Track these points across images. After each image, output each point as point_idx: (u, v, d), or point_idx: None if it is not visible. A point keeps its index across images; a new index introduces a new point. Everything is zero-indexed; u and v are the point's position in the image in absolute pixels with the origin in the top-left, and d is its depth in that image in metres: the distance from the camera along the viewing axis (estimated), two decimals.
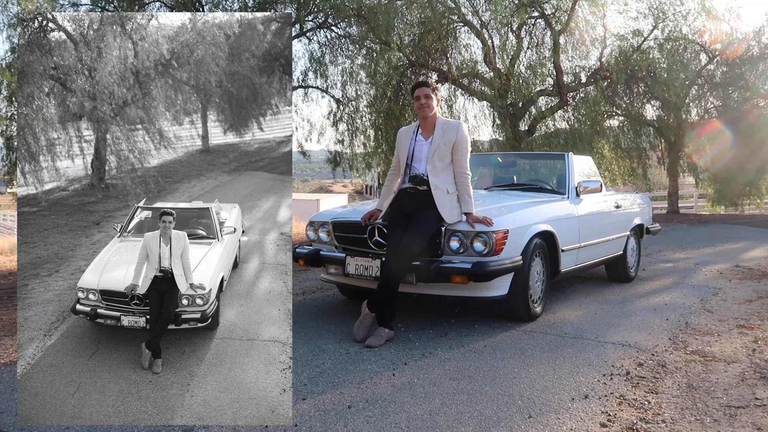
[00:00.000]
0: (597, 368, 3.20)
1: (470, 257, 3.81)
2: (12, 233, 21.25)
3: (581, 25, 12.89)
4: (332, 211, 4.79)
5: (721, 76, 16.23)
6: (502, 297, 4.00)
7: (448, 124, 3.92)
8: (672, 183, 17.91)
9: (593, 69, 14.22)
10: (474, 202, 3.93)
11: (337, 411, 2.62)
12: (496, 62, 12.79)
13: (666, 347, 3.62)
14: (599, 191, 5.21)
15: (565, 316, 4.39)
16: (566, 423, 2.50)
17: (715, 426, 2.49)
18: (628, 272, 5.91)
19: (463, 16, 12.79)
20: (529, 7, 12.37)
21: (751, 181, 16.34)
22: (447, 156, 3.88)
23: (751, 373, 3.14)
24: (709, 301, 5.02)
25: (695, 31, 15.38)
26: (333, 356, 3.40)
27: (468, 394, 2.82)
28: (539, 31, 13.66)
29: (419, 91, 3.92)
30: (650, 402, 2.74)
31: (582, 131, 13.34)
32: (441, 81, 13.08)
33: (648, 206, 6.60)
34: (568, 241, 4.60)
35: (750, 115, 15.74)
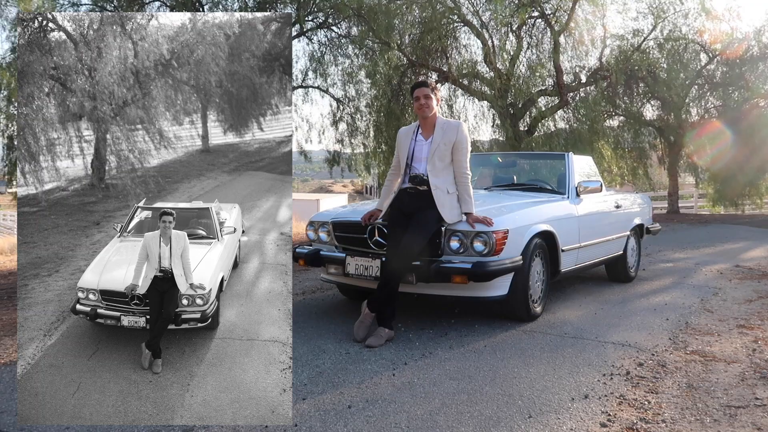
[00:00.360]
0: (597, 368, 3.20)
1: (470, 257, 3.81)
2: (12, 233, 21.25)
3: (581, 25, 12.91)
4: (332, 211, 4.79)
5: (721, 76, 16.23)
6: (502, 297, 4.00)
7: (448, 124, 3.92)
8: (672, 183, 17.91)
9: (593, 69, 14.23)
10: (474, 202, 3.93)
11: (337, 411, 2.62)
12: (496, 62, 12.79)
13: (666, 347, 3.62)
14: (599, 191, 5.21)
15: (565, 316, 4.39)
16: (566, 423, 2.50)
17: (715, 426, 2.49)
18: (628, 272, 5.91)
19: (463, 16, 12.79)
20: (529, 7, 12.37)
21: (751, 181, 16.34)
22: (447, 156, 3.88)
23: (751, 373, 3.14)
24: (709, 301, 5.02)
25: (695, 30, 15.39)
26: (333, 356, 3.40)
27: (468, 393, 2.82)
28: (539, 31, 13.67)
29: (419, 92, 3.91)
30: (650, 402, 2.74)
31: (582, 131, 13.34)
32: (441, 81, 13.09)
33: (648, 206, 6.60)
34: (568, 241, 4.60)
35: (750, 115, 15.74)
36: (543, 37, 13.64)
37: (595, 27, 13.25)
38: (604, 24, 13.55)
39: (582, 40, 13.23)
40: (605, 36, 13.90)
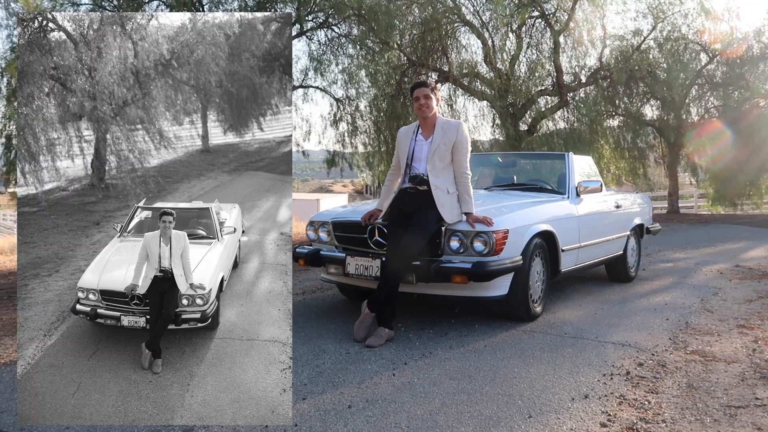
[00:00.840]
0: (597, 368, 3.20)
1: (470, 257, 3.81)
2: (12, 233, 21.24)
3: (581, 25, 12.90)
4: (332, 211, 4.79)
5: (721, 76, 16.23)
6: (502, 297, 4.00)
7: (448, 124, 3.92)
8: (672, 183, 17.91)
9: (593, 69, 14.23)
10: (474, 202, 3.93)
11: (337, 411, 2.62)
12: (496, 62, 12.79)
13: (666, 347, 3.62)
14: (599, 191, 5.21)
15: (566, 316, 4.39)
16: (566, 423, 2.50)
17: (715, 426, 2.49)
18: (628, 272, 5.91)
19: (463, 16, 12.79)
20: (529, 7, 12.37)
21: (752, 180, 16.35)
22: (447, 156, 3.88)
23: (752, 373, 3.14)
24: (710, 300, 5.02)
25: (695, 31, 15.39)
26: (333, 356, 3.40)
27: (468, 393, 2.82)
28: (539, 31, 13.67)
29: (418, 92, 3.91)
30: (650, 402, 2.74)
31: (582, 131, 13.34)
32: (441, 81, 13.08)
33: (648, 206, 6.60)
34: (568, 241, 4.60)
35: (750, 114, 15.74)
36: (543, 37, 13.64)
37: (595, 27, 13.25)
38: (603, 24, 13.56)
39: (582, 40, 13.24)
40: (605, 36, 13.90)
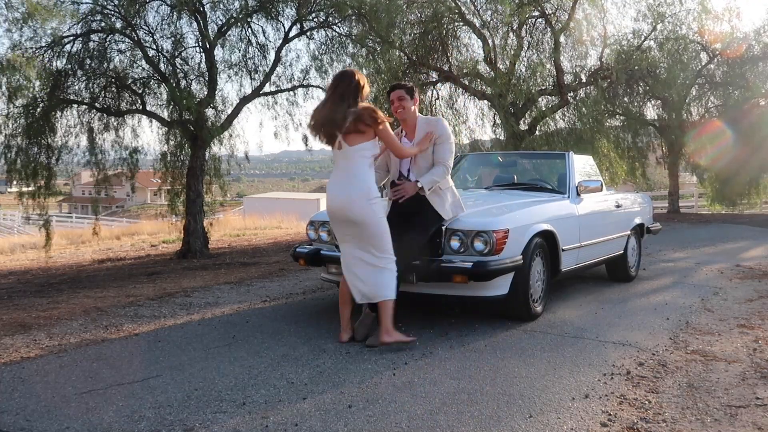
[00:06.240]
0: (597, 368, 3.19)
1: (471, 256, 3.80)
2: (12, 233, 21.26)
3: (581, 25, 12.88)
4: None
5: (722, 76, 16.20)
6: (502, 296, 3.99)
7: (427, 122, 3.94)
8: (672, 182, 17.90)
9: (593, 68, 14.21)
10: (438, 185, 3.79)
11: (338, 410, 2.62)
12: (497, 62, 12.78)
13: (666, 347, 3.61)
14: (600, 191, 5.21)
15: (566, 316, 4.38)
16: (567, 422, 2.50)
17: (715, 425, 2.49)
18: (628, 272, 5.90)
19: (463, 16, 12.78)
20: (530, 7, 12.36)
21: (752, 180, 16.33)
22: (430, 155, 3.88)
23: (752, 373, 3.13)
24: (710, 300, 5.01)
25: (695, 30, 15.37)
26: (333, 356, 3.39)
27: (468, 393, 2.82)
28: (539, 30, 13.65)
29: (393, 94, 3.93)
30: (651, 401, 2.74)
31: (582, 131, 13.32)
32: (442, 80, 13.08)
33: (648, 206, 6.59)
34: (568, 241, 4.60)
35: (751, 114, 15.72)
36: (543, 36, 13.61)
37: (595, 27, 13.23)
38: (604, 24, 13.54)
39: (582, 39, 13.21)
40: (605, 36, 13.88)
